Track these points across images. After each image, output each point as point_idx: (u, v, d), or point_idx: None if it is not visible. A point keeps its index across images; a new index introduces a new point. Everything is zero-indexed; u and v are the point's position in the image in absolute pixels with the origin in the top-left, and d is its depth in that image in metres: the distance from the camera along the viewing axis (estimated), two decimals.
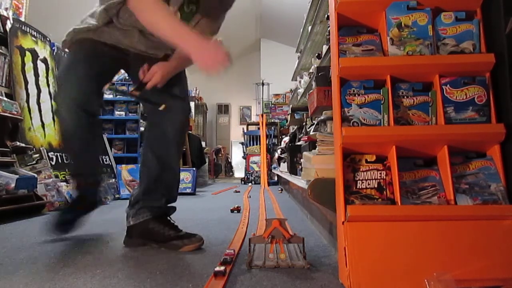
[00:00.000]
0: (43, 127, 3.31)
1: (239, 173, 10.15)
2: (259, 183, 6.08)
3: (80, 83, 1.39)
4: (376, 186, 1.03)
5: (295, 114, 4.27)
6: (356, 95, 1.07)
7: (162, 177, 1.51)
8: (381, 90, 1.06)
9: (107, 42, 1.46)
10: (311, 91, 2.19)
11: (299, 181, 2.02)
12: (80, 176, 1.59)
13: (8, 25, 3.11)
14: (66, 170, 3.23)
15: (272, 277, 1.06)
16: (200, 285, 1.00)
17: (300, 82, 4.47)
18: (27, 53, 3.28)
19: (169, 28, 1.24)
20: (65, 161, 3.31)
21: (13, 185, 2.24)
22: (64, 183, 2.97)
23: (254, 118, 10.15)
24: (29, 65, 3.28)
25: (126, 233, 1.50)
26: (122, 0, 1.31)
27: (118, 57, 1.50)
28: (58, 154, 3.30)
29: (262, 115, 6.76)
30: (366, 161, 1.06)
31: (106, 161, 4.05)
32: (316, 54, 3.58)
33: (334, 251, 1.34)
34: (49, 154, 3.17)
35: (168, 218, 1.50)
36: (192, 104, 9.35)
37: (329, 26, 1.81)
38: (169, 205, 1.53)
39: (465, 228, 0.97)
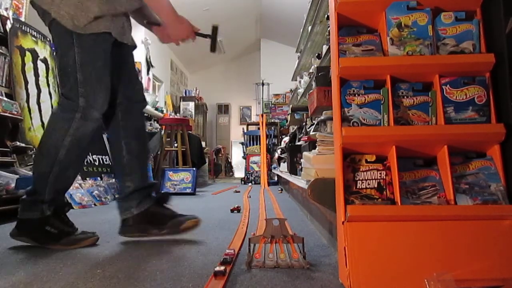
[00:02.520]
0: (43, 127, 3.31)
1: (239, 173, 10.15)
2: (259, 183, 6.08)
3: (108, 81, 1.41)
4: (376, 186, 1.03)
5: (295, 114, 4.27)
6: (356, 95, 1.07)
7: (146, 161, 1.64)
8: (381, 90, 1.06)
9: (112, 34, 1.42)
10: (311, 91, 2.20)
11: (299, 181, 2.02)
12: (56, 194, 1.48)
13: (8, 25, 3.11)
14: None
15: (272, 277, 1.06)
16: (200, 285, 1.00)
17: (300, 82, 4.48)
18: (27, 53, 3.28)
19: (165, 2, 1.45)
20: None
21: (13, 185, 2.23)
22: None
23: (254, 118, 10.16)
24: (29, 65, 3.28)
25: (122, 223, 1.57)
26: None
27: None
28: None
29: (262, 115, 6.76)
30: (366, 161, 1.06)
31: (106, 161, 4.05)
32: (316, 54, 3.58)
33: (334, 251, 1.34)
34: None
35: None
36: (192, 104, 9.43)
37: (329, 26, 1.80)
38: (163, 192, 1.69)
39: (465, 228, 0.97)
